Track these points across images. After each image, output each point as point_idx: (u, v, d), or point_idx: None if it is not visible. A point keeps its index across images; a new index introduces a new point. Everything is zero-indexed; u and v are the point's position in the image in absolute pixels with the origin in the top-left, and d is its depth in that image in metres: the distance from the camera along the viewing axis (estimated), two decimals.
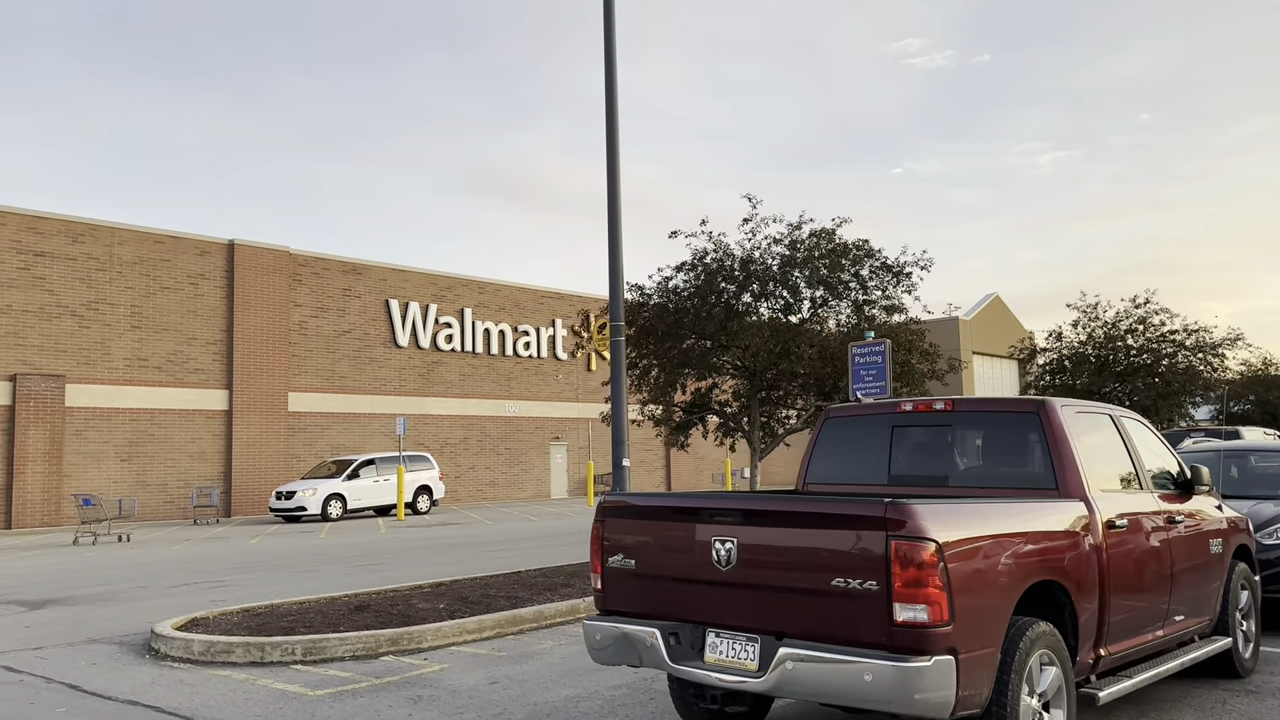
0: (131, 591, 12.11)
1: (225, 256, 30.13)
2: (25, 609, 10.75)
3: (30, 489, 25.51)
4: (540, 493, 38.43)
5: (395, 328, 34.17)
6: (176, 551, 17.86)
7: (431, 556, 15.86)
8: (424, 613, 9.24)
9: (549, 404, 39.04)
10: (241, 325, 30.10)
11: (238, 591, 11.96)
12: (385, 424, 33.67)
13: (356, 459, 27.60)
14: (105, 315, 27.46)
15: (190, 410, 28.98)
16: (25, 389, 25.66)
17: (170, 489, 28.19)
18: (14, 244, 25.91)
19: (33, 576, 14.06)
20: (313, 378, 31.97)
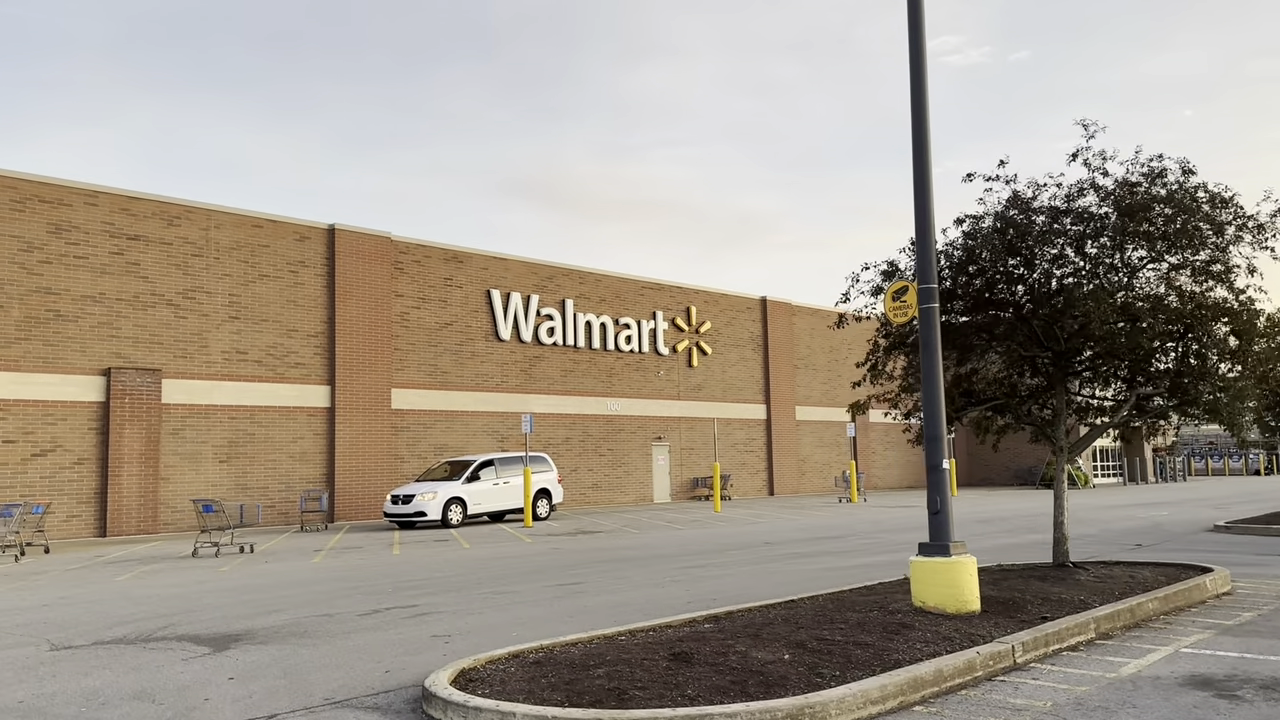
0: (319, 622, 9.79)
1: (325, 242, 28.03)
2: (209, 650, 8.45)
3: (127, 493, 23.52)
4: (643, 497, 36.01)
5: (497, 320, 31.92)
6: (320, 566, 15.61)
7: (626, 572, 13.44)
8: (772, 667, 6.80)
9: (650, 402, 36.62)
10: (343, 316, 27.98)
11: (451, 621, 9.61)
12: (487, 423, 31.44)
13: (475, 460, 25.32)
14: (202, 305, 25.43)
15: (291, 407, 26.88)
16: (120, 384, 23.67)
17: (271, 492, 26.11)
18: (107, 226, 23.95)
19: (184, 601, 11.82)
20: (415, 373, 29.79)
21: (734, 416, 39.38)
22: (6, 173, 22.50)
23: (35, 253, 22.75)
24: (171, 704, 6.58)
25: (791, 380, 42.24)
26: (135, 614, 10.51)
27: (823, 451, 43.63)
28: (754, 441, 40.38)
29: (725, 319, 39.88)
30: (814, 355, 43.80)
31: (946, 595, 8.79)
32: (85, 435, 23.22)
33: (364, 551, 17.93)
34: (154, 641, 8.83)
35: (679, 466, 37.37)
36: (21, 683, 7.18)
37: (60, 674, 7.46)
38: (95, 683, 7.17)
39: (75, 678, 7.34)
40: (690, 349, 38.14)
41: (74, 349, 23.17)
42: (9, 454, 22.03)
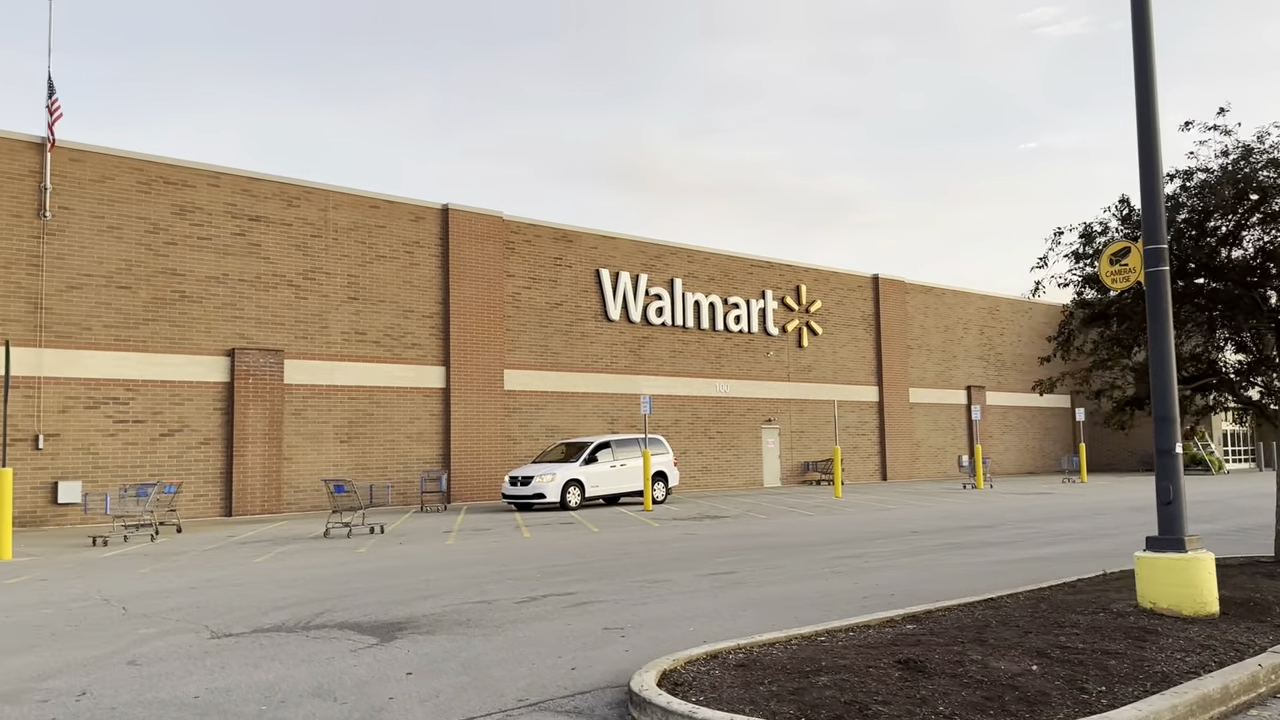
0: (479, 610, 9.26)
1: (439, 223, 27.83)
2: (375, 640, 7.97)
3: (251, 473, 23.70)
4: (753, 480, 35.14)
5: (606, 300, 31.38)
6: (456, 548, 15.22)
7: (777, 561, 12.65)
8: (1024, 680, 5.92)
9: (760, 383, 35.67)
10: (457, 297, 27.76)
11: (616, 612, 8.96)
12: (597, 404, 30.96)
13: (592, 442, 24.83)
14: (322, 285, 25.45)
15: (408, 388, 26.80)
16: (244, 365, 23.83)
17: (390, 472, 26.08)
18: (229, 207, 24.09)
19: (331, 585, 11.48)
20: (526, 354, 29.45)
21: (845, 399, 38.15)
22: (132, 154, 22.76)
23: (161, 234, 22.99)
24: (354, 703, 6.05)
25: (904, 361, 40.75)
26: (286, 598, 10.17)
27: (937, 435, 42.06)
28: (866, 425, 39.09)
29: (836, 298, 38.63)
30: (928, 335, 42.18)
31: (1182, 596, 7.77)
32: (211, 415, 23.45)
33: (493, 534, 17.53)
34: (314, 629, 8.40)
35: (789, 450, 36.36)
36: (191, 674, 6.77)
37: (229, 665, 7.04)
38: (268, 676, 6.71)
39: (246, 670, 6.89)
40: (800, 329, 37.04)
41: (199, 330, 23.39)
42: (139, 434, 22.36)
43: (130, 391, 22.28)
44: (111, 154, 22.41)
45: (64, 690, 6.31)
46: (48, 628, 8.58)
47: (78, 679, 6.62)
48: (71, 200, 21.74)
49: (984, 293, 45.28)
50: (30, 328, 20.99)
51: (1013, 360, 45.88)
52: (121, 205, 22.42)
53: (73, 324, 21.61)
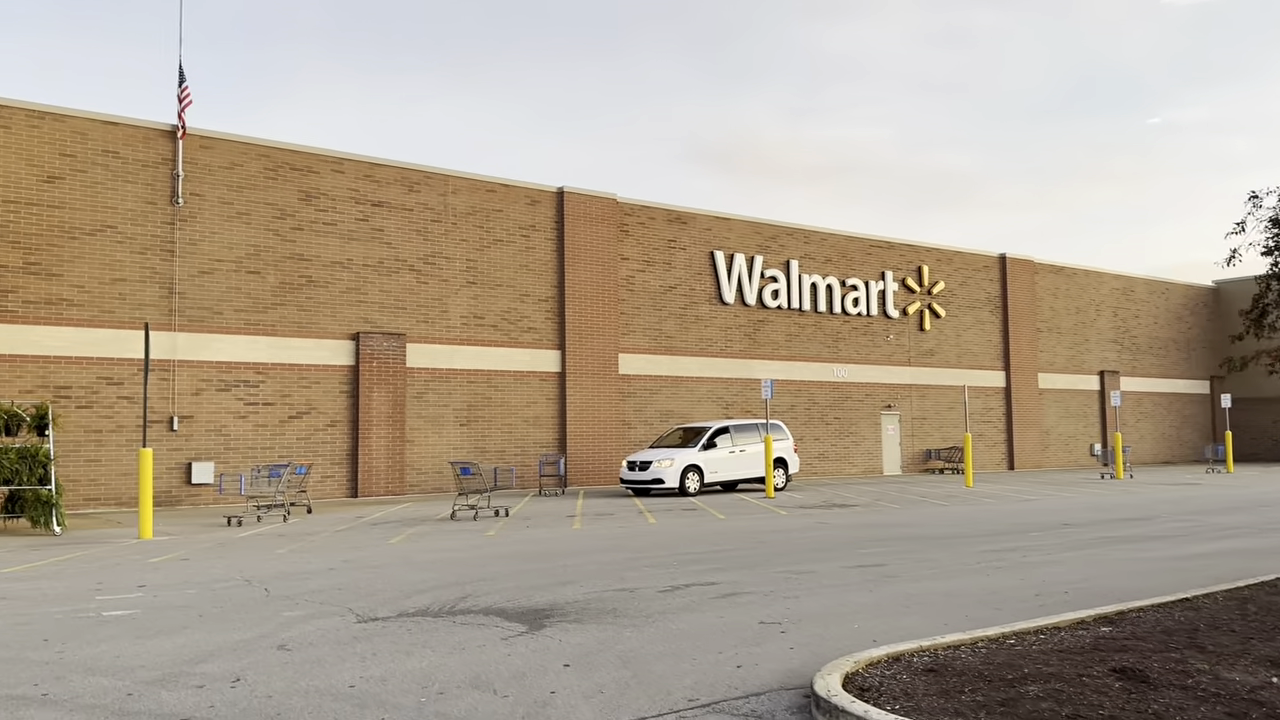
0: (622, 599, 8.85)
1: (554, 206, 27.66)
2: (524, 627, 7.64)
3: (376, 455, 24.00)
4: (871, 468, 34.08)
5: (720, 282, 30.75)
6: (583, 533, 14.93)
7: (927, 553, 11.91)
8: (1266, 694, 5.17)
9: (879, 368, 34.52)
10: (572, 280, 27.58)
11: (768, 605, 8.42)
12: (711, 389, 30.42)
13: (710, 427, 24.32)
14: (441, 270, 25.58)
15: (524, 372, 26.77)
16: (369, 348, 24.12)
17: (508, 456, 26.11)
18: (352, 193, 24.37)
19: (467, 568, 11.29)
20: (641, 338, 29.10)
21: (969, 384, 36.64)
22: (259, 141, 23.20)
23: (288, 220, 23.39)
24: (516, 696, 5.69)
25: (1033, 345, 38.92)
26: (425, 581, 9.97)
27: (1067, 423, 40.09)
28: (991, 411, 37.50)
29: (959, 279, 37.10)
30: (1058, 317, 40.19)
31: None
32: (337, 398, 23.82)
33: (617, 519, 17.21)
34: (459, 615, 8.13)
35: (909, 437, 35.13)
36: (344, 662, 6.53)
37: (380, 652, 6.78)
38: (421, 664, 6.43)
39: (398, 657, 6.63)
40: (922, 311, 35.70)
41: (325, 314, 23.75)
42: (269, 416, 22.85)
43: (260, 375, 22.78)
44: (240, 141, 22.88)
45: (218, 675, 6.14)
46: (194, 609, 8.54)
47: (231, 664, 6.46)
48: (202, 187, 22.28)
49: (1117, 273, 42.92)
50: (165, 312, 21.61)
51: (1148, 344, 43.42)
52: (249, 191, 22.89)
53: (205, 308, 22.17)
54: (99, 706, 5.44)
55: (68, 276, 20.62)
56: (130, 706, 5.44)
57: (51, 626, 7.71)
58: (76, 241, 20.76)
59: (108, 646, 6.94)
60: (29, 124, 20.40)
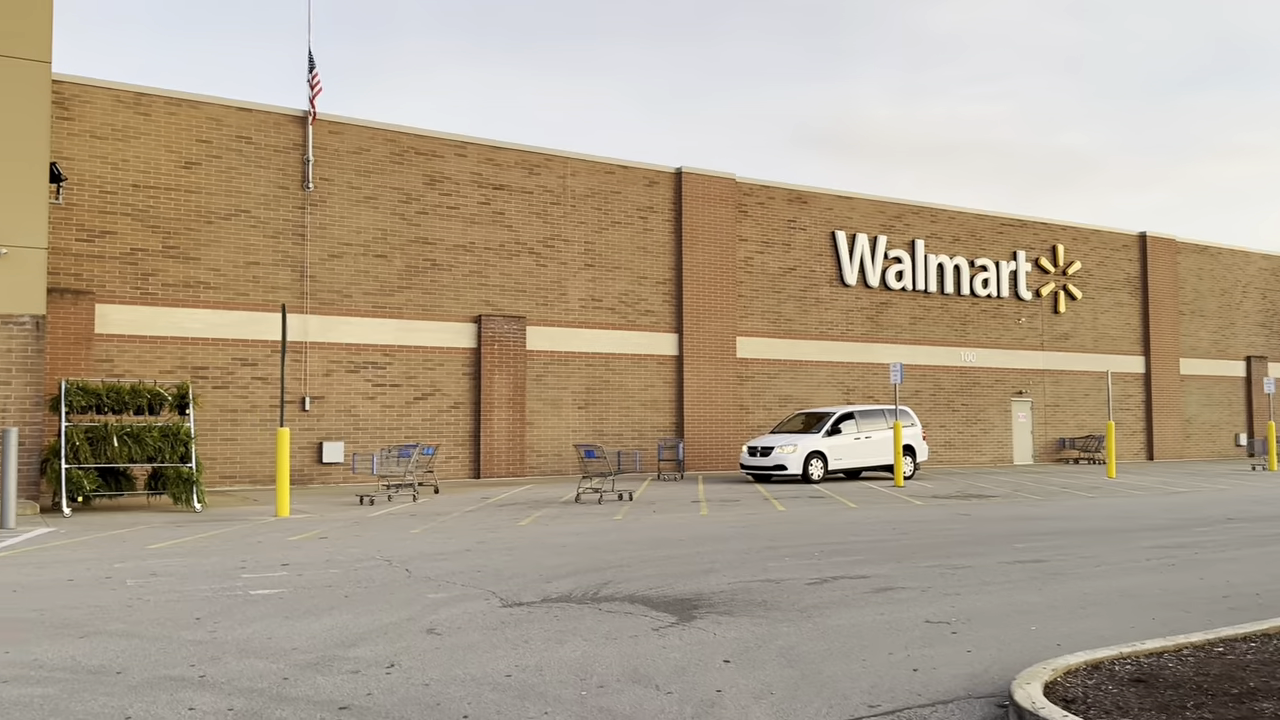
0: (768, 590, 8.41)
1: (672, 187, 27.27)
2: (674, 618, 7.28)
3: (497, 437, 24.13)
4: (1001, 457, 32.69)
5: (842, 263, 29.86)
6: (711, 519, 14.54)
7: (1088, 549, 11.08)
8: None
9: (1009, 352, 33.05)
10: (690, 262, 27.16)
11: (930, 603, 7.86)
12: (832, 373, 29.60)
13: (834, 412, 23.60)
14: (561, 253, 25.51)
15: (642, 355, 26.53)
16: (490, 331, 24.23)
17: (625, 439, 25.94)
18: (475, 177, 24.47)
19: (603, 553, 11.02)
20: (759, 321, 28.51)
21: (1105, 369, 34.76)
22: (386, 126, 23.47)
23: (413, 204, 23.64)
24: (680, 692, 5.33)
25: (1175, 328, 36.68)
26: (563, 565, 9.74)
27: (1210, 411, 37.70)
28: (1130, 398, 35.53)
29: (1096, 259, 35.19)
30: (1202, 299, 37.78)
31: None
32: (460, 380, 24.02)
33: (744, 506, 16.76)
34: (603, 602, 7.83)
35: (1041, 425, 33.56)
36: (496, 649, 6.29)
37: (531, 640, 6.52)
38: (575, 654, 6.13)
39: (550, 646, 6.35)
40: (1056, 293, 34.01)
41: (449, 297, 23.95)
42: (395, 397, 23.19)
43: (387, 356, 23.12)
44: (367, 125, 23.20)
45: (371, 660, 5.97)
46: (339, 589, 8.48)
47: (383, 648, 6.29)
48: (331, 172, 22.68)
49: (1266, 252, 40.07)
50: (297, 295, 22.10)
51: None
52: (376, 176, 23.20)
53: (334, 291, 22.60)
54: (256, 690, 5.31)
55: (204, 260, 21.27)
56: (287, 691, 5.29)
57: (201, 605, 7.73)
58: (212, 226, 21.39)
59: (259, 627, 6.88)
60: (167, 111, 21.07)
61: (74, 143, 20.04)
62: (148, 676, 5.55)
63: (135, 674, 5.60)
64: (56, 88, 19.62)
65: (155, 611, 7.43)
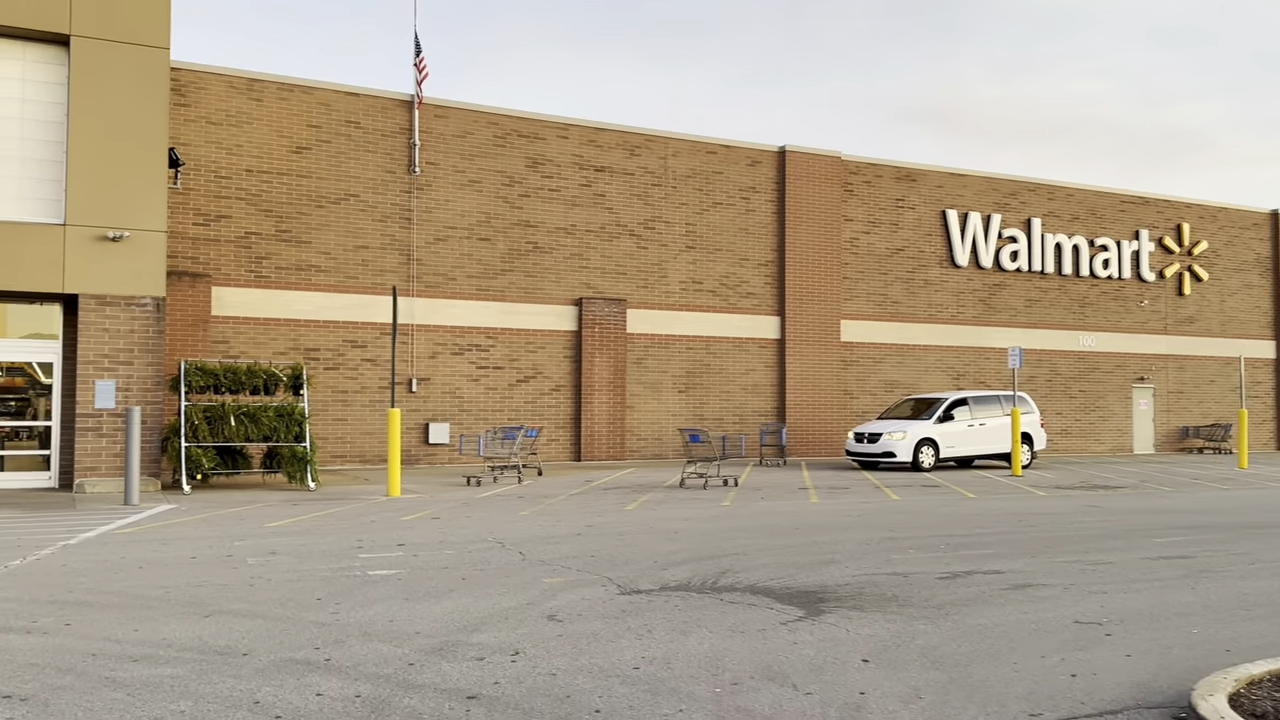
0: (896, 583, 7.98)
1: (775, 166, 26.67)
2: (801, 611, 6.92)
3: (598, 420, 24.04)
4: (1120, 446, 31.19)
5: (953, 243, 28.81)
6: (822, 507, 14.10)
7: (1238, 546, 10.26)
8: None
9: (1131, 336, 31.46)
10: (793, 244, 26.55)
11: (1074, 601, 7.32)
12: (940, 357, 28.64)
13: (946, 398, 22.78)
14: (661, 235, 25.21)
15: (743, 338, 26.08)
16: (591, 314, 24.12)
17: (726, 424, 25.57)
18: (576, 159, 24.33)
19: (716, 540, 10.73)
20: (864, 303, 27.73)
21: (1234, 355, 32.83)
22: (489, 109, 23.49)
23: (516, 186, 23.64)
24: (820, 693, 4.99)
25: None
26: (676, 552, 9.47)
27: None
28: (1259, 385, 33.49)
29: (1224, 238, 33.19)
30: None
31: None
32: (561, 363, 24.00)
33: (854, 494, 16.24)
34: (724, 592, 7.53)
35: (1164, 412, 31.89)
36: (619, 638, 6.05)
37: (654, 630, 6.26)
38: (702, 647, 5.85)
39: (675, 637, 6.08)
40: (1181, 274, 32.21)
41: (550, 280, 23.91)
42: (498, 379, 23.29)
43: (490, 339, 23.23)
44: (471, 109, 23.26)
45: (495, 647, 5.79)
46: (455, 571, 8.39)
47: (505, 634, 6.11)
48: (436, 155, 22.82)
49: None
50: (403, 278, 22.33)
51: None
52: (480, 159, 23.26)
53: (439, 275, 22.78)
54: (382, 676, 5.17)
55: (315, 243, 21.65)
56: (413, 678, 5.14)
57: (321, 585, 7.71)
58: (323, 210, 21.75)
59: (380, 609, 6.79)
60: (279, 96, 21.48)
61: (190, 128, 20.59)
62: (273, 659, 5.48)
63: (261, 656, 5.54)
64: (173, 74, 20.16)
65: (277, 591, 7.43)
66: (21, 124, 16.09)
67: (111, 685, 4.93)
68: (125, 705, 4.61)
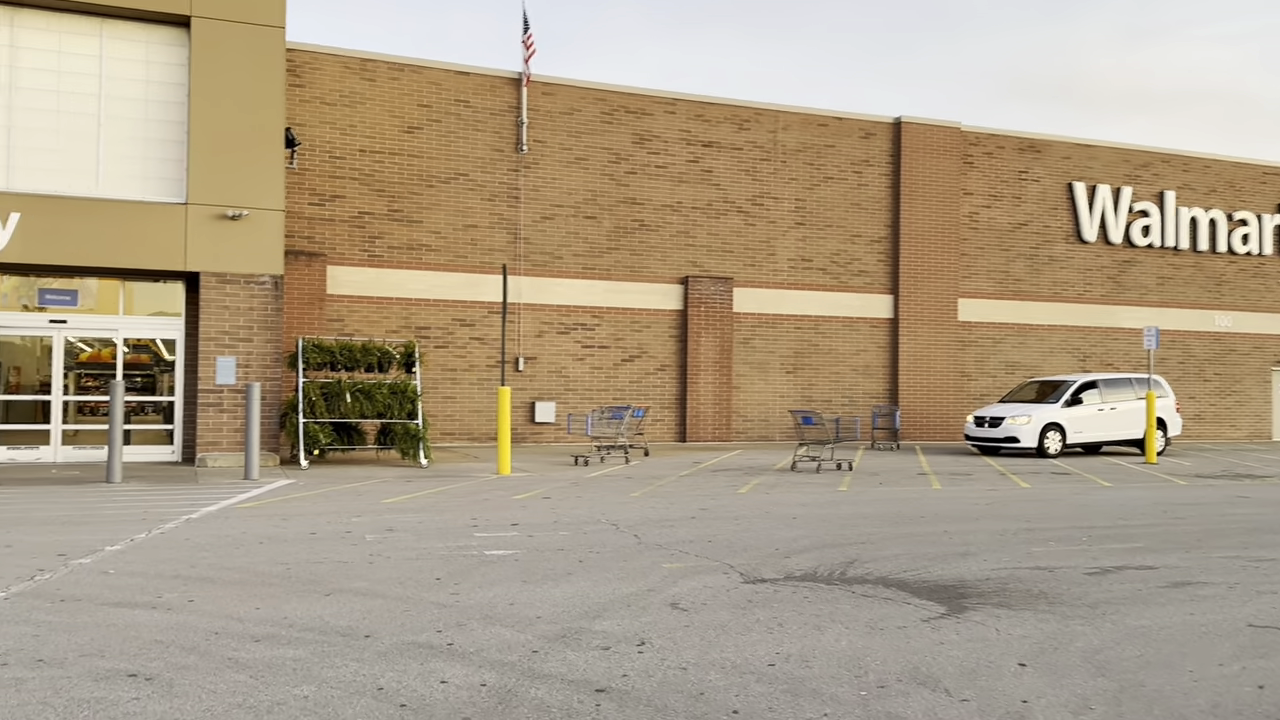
0: (1040, 578, 7.40)
1: (890, 138, 25.72)
2: (942, 608, 6.45)
3: (703, 400, 23.69)
4: (1258, 432, 29.27)
5: (1079, 218, 27.37)
6: (945, 494, 13.46)
7: None
8: None
9: (1271, 316, 29.46)
10: (908, 219, 25.60)
11: (1246, 602, 6.64)
12: (1065, 338, 27.30)
13: (1073, 381, 21.63)
14: (769, 211, 24.61)
15: (853, 318, 25.32)
16: (696, 293, 23.73)
17: (835, 406, 24.89)
18: (683, 134, 23.90)
19: (837, 527, 10.28)
20: (983, 281, 26.59)
21: None
22: (596, 85, 23.25)
23: (622, 164, 23.37)
24: (976, 700, 4.54)
25: None
26: (797, 539, 9.07)
27: None
28: None
29: None
30: None
31: None
32: (666, 342, 23.70)
33: (978, 480, 15.50)
34: (854, 584, 7.10)
35: None
36: (749, 631, 5.70)
37: (786, 623, 5.89)
38: (840, 644, 5.46)
39: (809, 632, 5.70)
40: None
41: (655, 258, 23.61)
42: (604, 359, 23.14)
43: (595, 318, 23.08)
44: (578, 85, 23.06)
45: (620, 636, 5.51)
46: (571, 553, 8.17)
47: (628, 622, 5.83)
48: (544, 133, 22.70)
49: None
50: (511, 257, 22.34)
51: None
52: (587, 136, 23.05)
53: (546, 253, 22.71)
54: (506, 664, 4.95)
55: (426, 223, 21.82)
56: (539, 667, 4.90)
57: (439, 564, 7.58)
58: (433, 189, 21.89)
59: (499, 591, 6.60)
60: (390, 76, 21.64)
61: (305, 109, 20.92)
62: (395, 642, 5.32)
63: (383, 639, 5.38)
64: (289, 55, 20.49)
65: (396, 570, 7.33)
66: (146, 105, 16.56)
67: (234, 666, 4.82)
68: (248, 688, 4.49)
